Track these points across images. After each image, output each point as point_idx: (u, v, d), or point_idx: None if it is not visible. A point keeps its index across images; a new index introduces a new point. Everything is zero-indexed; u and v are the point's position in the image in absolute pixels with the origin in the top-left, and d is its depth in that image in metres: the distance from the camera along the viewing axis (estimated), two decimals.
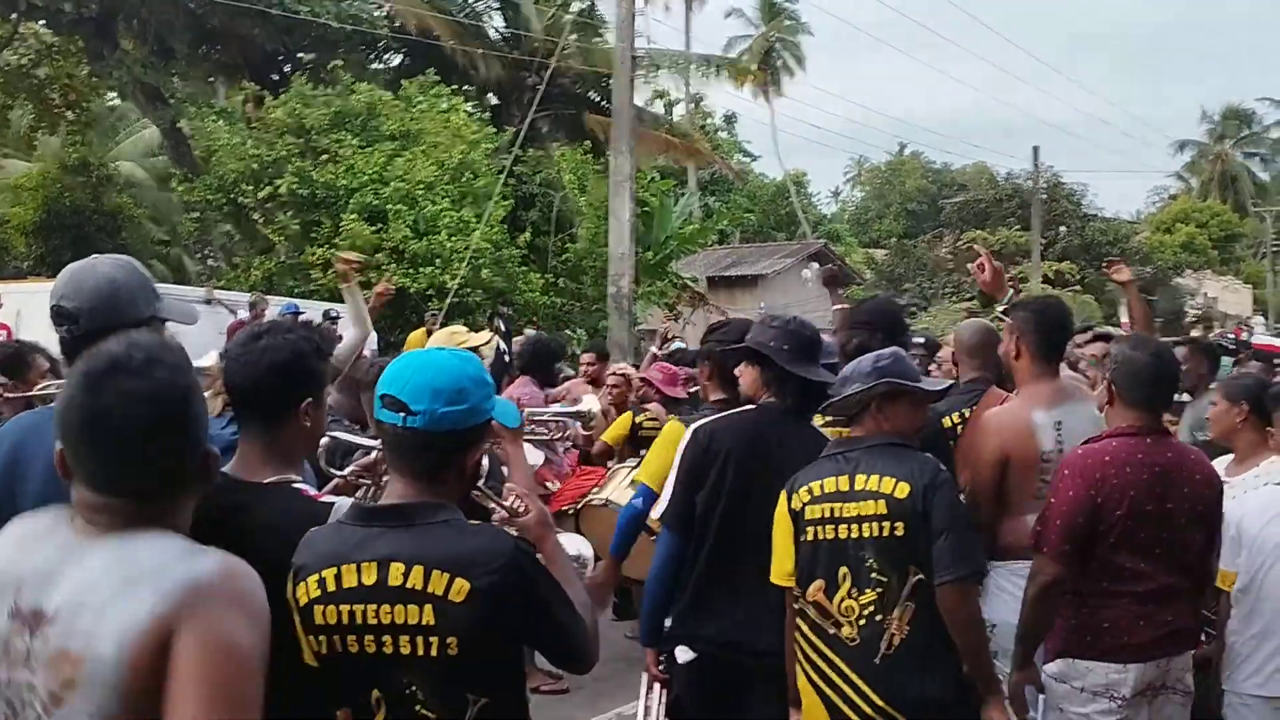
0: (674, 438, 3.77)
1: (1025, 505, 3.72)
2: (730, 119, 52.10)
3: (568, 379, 8.75)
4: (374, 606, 2.09)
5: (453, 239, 17.44)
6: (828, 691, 3.19)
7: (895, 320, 4.24)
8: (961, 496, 3.46)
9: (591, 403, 4.41)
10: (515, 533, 2.34)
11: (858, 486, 3.16)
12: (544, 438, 5.03)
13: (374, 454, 3.05)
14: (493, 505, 2.41)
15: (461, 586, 2.06)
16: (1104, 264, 5.87)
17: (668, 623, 3.63)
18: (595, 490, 5.95)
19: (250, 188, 17.67)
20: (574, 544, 2.72)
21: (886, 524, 3.11)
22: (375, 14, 21.57)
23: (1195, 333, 26.20)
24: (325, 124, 18.14)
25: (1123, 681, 3.31)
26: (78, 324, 2.47)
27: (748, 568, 3.44)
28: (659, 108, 35.50)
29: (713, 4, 64.86)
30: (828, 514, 3.19)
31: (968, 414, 4.17)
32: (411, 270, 17.24)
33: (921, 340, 7.53)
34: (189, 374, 1.76)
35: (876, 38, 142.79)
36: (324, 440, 3.03)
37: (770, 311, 3.76)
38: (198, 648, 1.54)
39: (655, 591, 3.61)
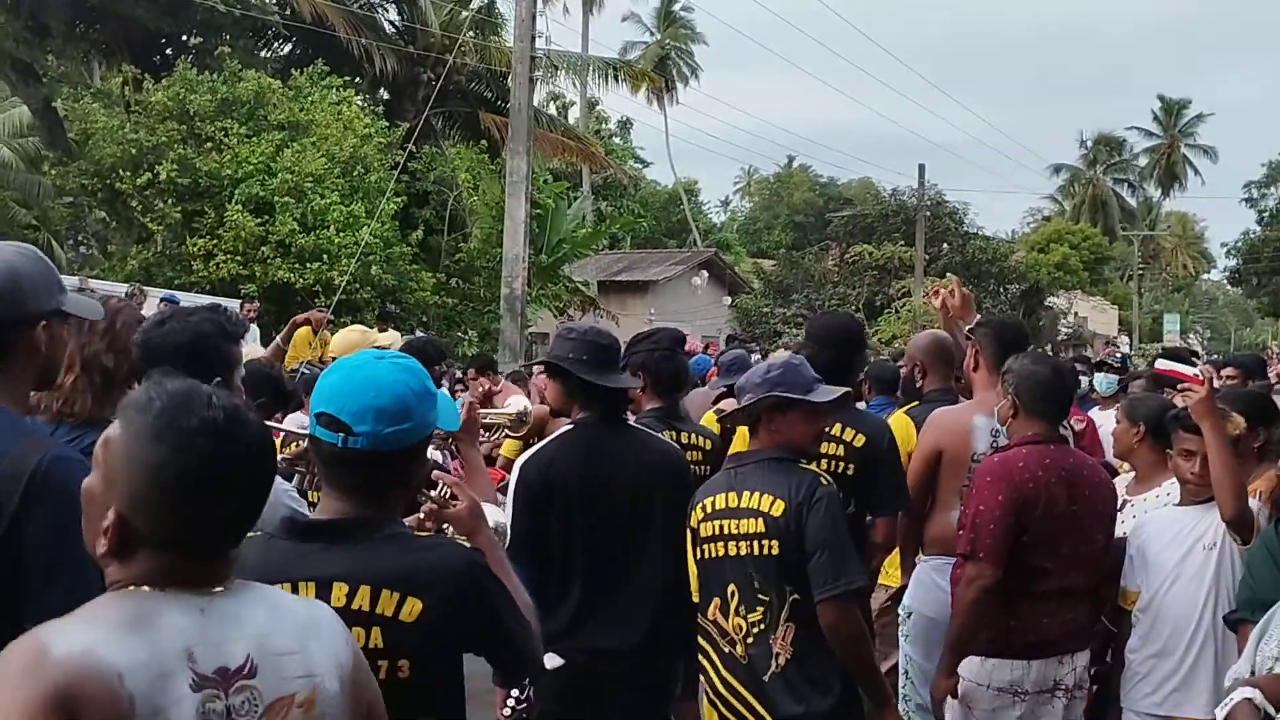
0: None
1: (951, 502, 3.99)
2: (625, 125, 52.29)
3: (459, 383, 8.45)
4: None
5: (341, 234, 17.01)
6: (724, 711, 3.22)
7: (846, 338, 4.22)
8: None
9: (522, 403, 4.27)
10: (452, 531, 2.27)
11: (742, 504, 3.17)
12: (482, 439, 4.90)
13: (306, 443, 2.97)
14: (421, 498, 2.32)
15: (414, 606, 1.95)
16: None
17: None
18: None
19: (128, 174, 16.92)
20: (492, 514, 2.64)
21: (764, 542, 3.12)
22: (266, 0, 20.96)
23: (1065, 352, 27.12)
24: (210, 110, 17.49)
25: (1024, 678, 3.49)
26: None
27: (618, 579, 3.46)
28: (554, 110, 35.37)
29: (609, 9, 64.91)
30: (717, 531, 3.21)
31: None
32: (298, 265, 16.76)
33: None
34: None
35: (769, 49, 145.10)
36: None
37: (565, 324, 3.77)
38: (368, 670, 1.77)
39: None
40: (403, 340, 8.84)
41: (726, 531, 3.18)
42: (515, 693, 4.41)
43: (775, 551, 3.11)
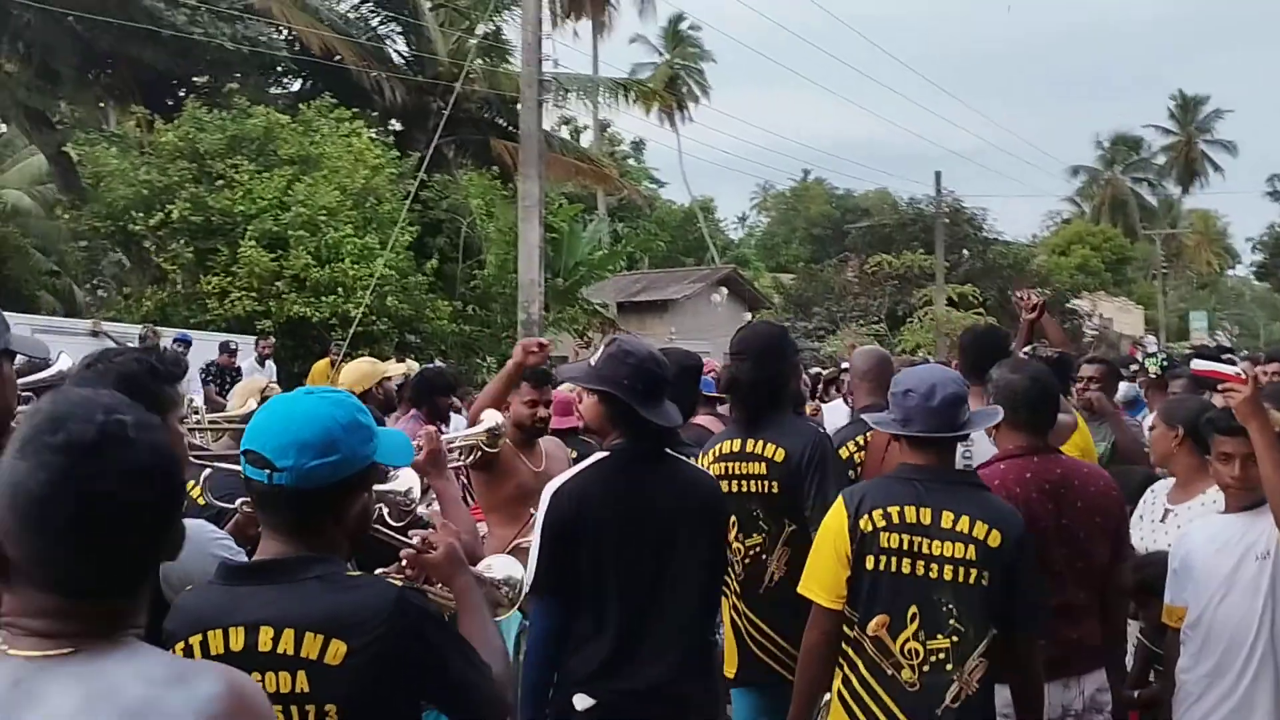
0: None
1: None
2: (638, 145, 52.37)
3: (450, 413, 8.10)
4: None
5: (356, 266, 16.97)
6: None
7: (769, 347, 4.03)
8: None
9: (495, 417, 4.07)
10: (405, 578, 2.16)
11: (943, 524, 2.99)
12: (454, 463, 4.69)
13: None
14: (396, 544, 2.22)
15: (338, 649, 1.85)
16: (1014, 295, 6.11)
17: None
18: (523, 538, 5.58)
19: (141, 215, 16.97)
20: (503, 566, 2.52)
21: (974, 571, 2.97)
22: (275, 36, 21.00)
23: (1096, 353, 26.77)
24: (220, 148, 17.54)
25: None
26: None
27: (651, 617, 3.25)
28: (566, 134, 35.39)
29: (617, 31, 65.18)
30: (907, 546, 3.02)
31: (863, 441, 4.27)
32: (314, 299, 16.73)
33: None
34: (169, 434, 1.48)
35: (780, 64, 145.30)
36: (205, 472, 2.82)
37: (623, 343, 3.51)
38: None
39: (539, 668, 3.26)
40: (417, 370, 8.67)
41: (920, 550, 3.01)
42: None
43: (985, 583, 2.97)
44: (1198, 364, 4.26)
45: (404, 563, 2.24)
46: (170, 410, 2.32)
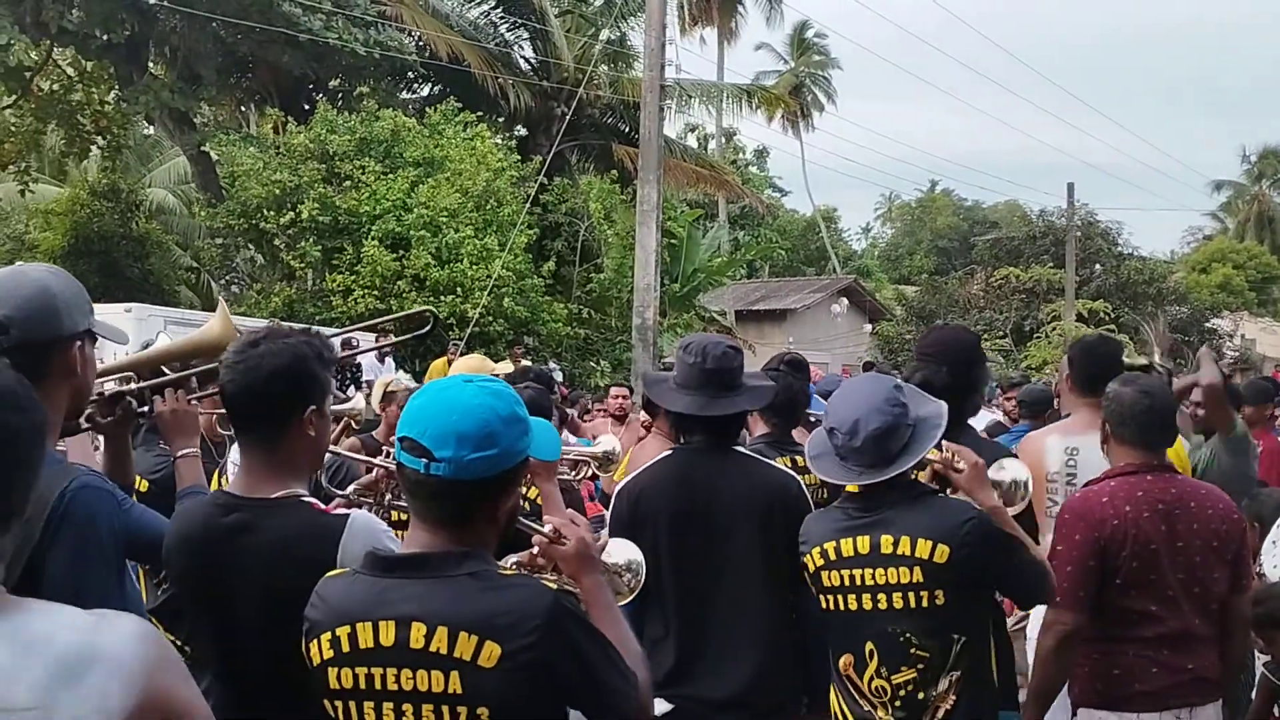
0: None
1: (1046, 524, 3.72)
2: (761, 153, 52.05)
3: (563, 418, 8.12)
4: (394, 671, 1.84)
5: (475, 267, 17.23)
6: None
7: (963, 350, 3.80)
8: None
9: (611, 443, 4.03)
10: (552, 577, 2.08)
11: (883, 550, 2.80)
12: (565, 477, 4.67)
13: (375, 472, 2.88)
14: (531, 533, 2.14)
15: (492, 651, 1.80)
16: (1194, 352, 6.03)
17: None
18: None
19: (273, 213, 17.54)
20: (623, 551, 2.44)
21: (924, 593, 2.77)
22: (405, 42, 21.50)
23: (1235, 376, 25.54)
24: (349, 150, 18.01)
25: None
26: (8, 334, 2.20)
27: (715, 619, 3.18)
28: (692, 142, 35.39)
29: (744, 39, 64.99)
30: (846, 581, 2.86)
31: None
32: (433, 298, 17.04)
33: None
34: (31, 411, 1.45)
35: (909, 72, 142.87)
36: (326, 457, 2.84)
37: (685, 340, 3.46)
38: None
39: None
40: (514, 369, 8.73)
41: (864, 582, 2.82)
42: None
43: (941, 601, 2.77)
44: None
45: (536, 551, 2.14)
46: (328, 393, 2.31)
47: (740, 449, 3.41)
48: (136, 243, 21.20)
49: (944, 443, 2.93)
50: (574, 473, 3.55)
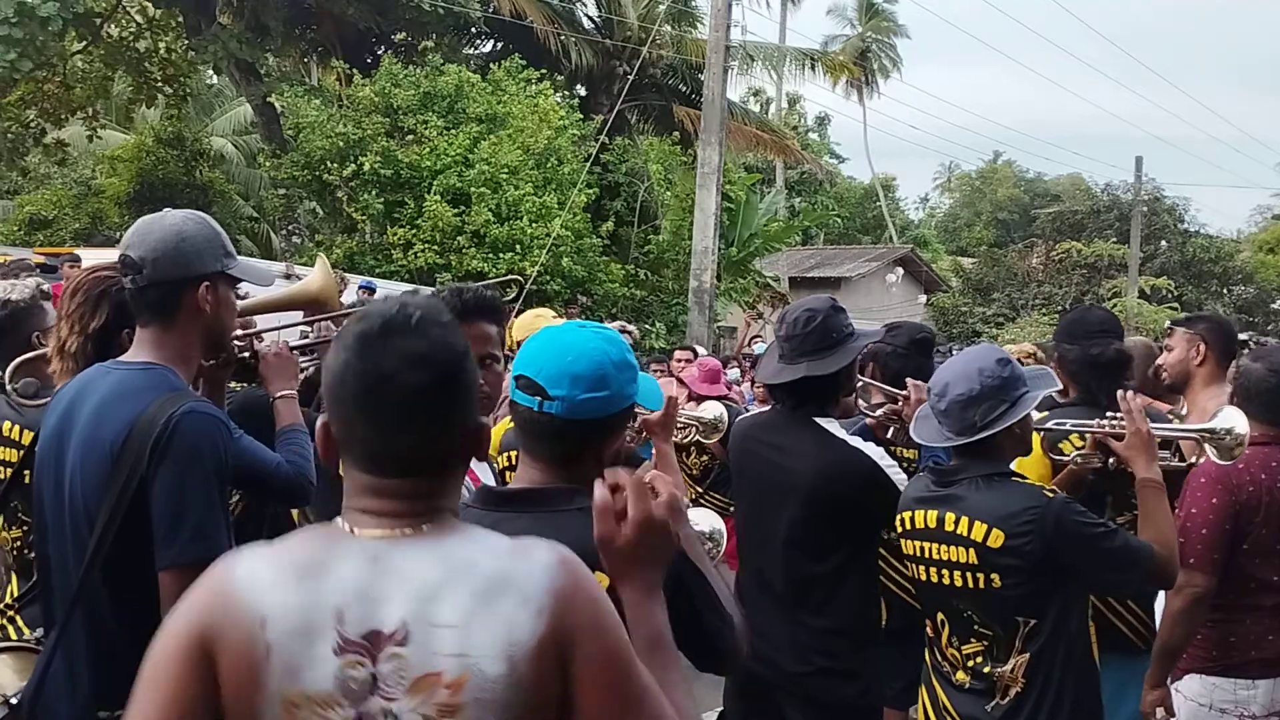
0: None
1: None
2: (822, 120, 51.52)
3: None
4: None
5: (534, 225, 17.26)
6: None
7: (1105, 327, 3.73)
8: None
9: (718, 409, 3.98)
10: None
11: (947, 527, 2.83)
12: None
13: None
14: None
15: (604, 584, 1.84)
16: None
17: None
18: None
19: (335, 165, 17.67)
20: (706, 519, 2.48)
21: (980, 575, 2.78)
22: None
23: None
24: (412, 104, 18.06)
25: (1251, 699, 3.26)
26: (141, 274, 2.37)
27: (752, 580, 3.27)
28: (755, 105, 35.05)
29: (812, 2, 64.03)
30: (918, 552, 2.92)
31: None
32: (492, 255, 17.11)
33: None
34: (460, 335, 1.54)
35: (975, 38, 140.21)
36: None
37: (791, 307, 3.50)
38: (604, 663, 1.44)
39: None
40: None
41: (931, 555, 2.86)
42: None
43: (997, 585, 2.77)
44: None
45: None
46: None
47: (819, 420, 3.28)
48: (200, 191, 21.44)
49: (1128, 394, 3.05)
50: (680, 435, 3.61)
